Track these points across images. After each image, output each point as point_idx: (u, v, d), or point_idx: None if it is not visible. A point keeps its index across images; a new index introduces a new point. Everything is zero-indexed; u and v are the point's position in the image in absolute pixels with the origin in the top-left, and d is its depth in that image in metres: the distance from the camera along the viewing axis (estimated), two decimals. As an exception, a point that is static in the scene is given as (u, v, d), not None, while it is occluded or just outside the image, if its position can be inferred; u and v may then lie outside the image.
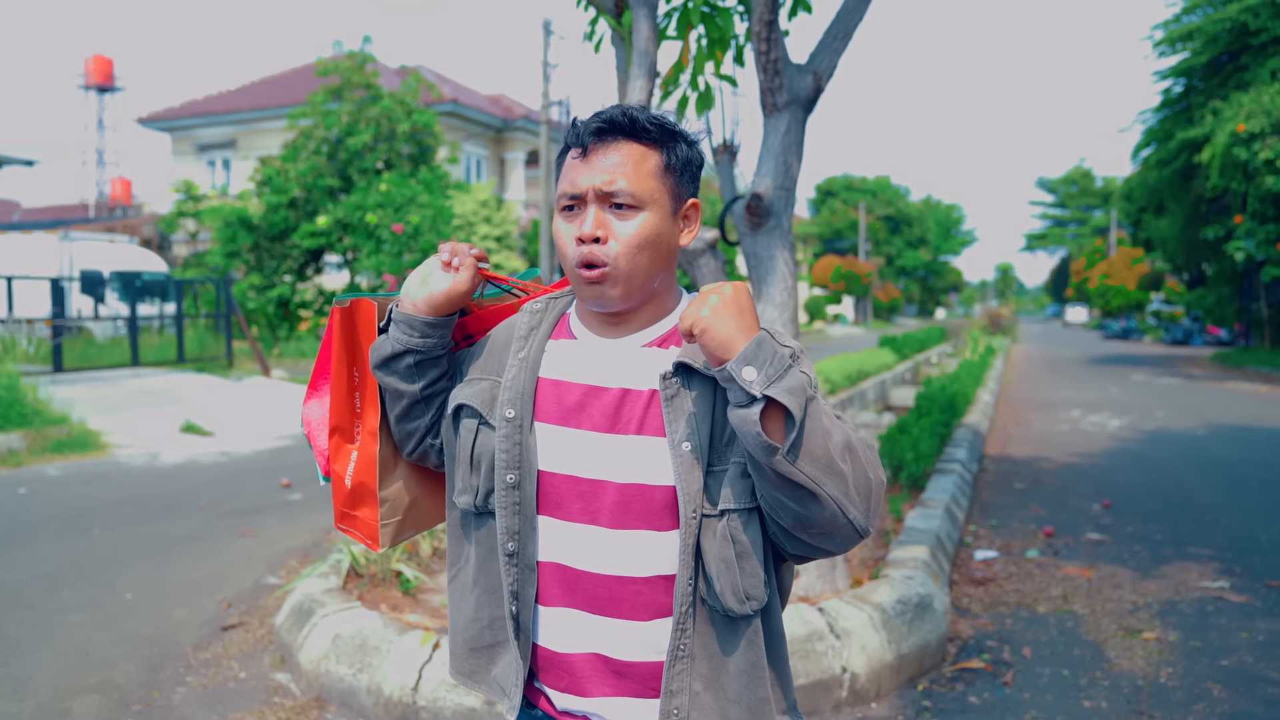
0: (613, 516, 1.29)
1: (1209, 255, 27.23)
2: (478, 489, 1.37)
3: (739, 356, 1.13)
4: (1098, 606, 4.74)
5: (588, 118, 1.33)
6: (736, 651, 1.29)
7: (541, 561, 1.34)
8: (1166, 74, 23.67)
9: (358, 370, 1.51)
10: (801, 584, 4.12)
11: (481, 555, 1.41)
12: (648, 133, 1.31)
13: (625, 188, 1.28)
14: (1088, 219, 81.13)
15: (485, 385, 1.40)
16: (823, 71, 4.15)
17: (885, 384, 16.30)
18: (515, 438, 1.33)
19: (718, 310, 1.16)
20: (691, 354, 1.27)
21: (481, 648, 1.42)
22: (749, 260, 4.21)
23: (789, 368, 1.14)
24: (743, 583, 1.26)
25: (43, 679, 3.81)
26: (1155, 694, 3.70)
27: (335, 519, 1.58)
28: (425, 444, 1.49)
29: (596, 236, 1.28)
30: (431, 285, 1.39)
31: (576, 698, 1.34)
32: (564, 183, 1.33)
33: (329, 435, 1.54)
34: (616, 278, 1.29)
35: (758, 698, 1.29)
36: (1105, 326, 46.13)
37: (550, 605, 1.34)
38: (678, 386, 1.28)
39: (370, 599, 4.14)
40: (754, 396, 1.13)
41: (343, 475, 1.53)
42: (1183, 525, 6.47)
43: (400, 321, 1.40)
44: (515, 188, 32.78)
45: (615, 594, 1.30)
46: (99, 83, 44.21)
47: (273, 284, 19.97)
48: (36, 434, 9.19)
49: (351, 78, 19.62)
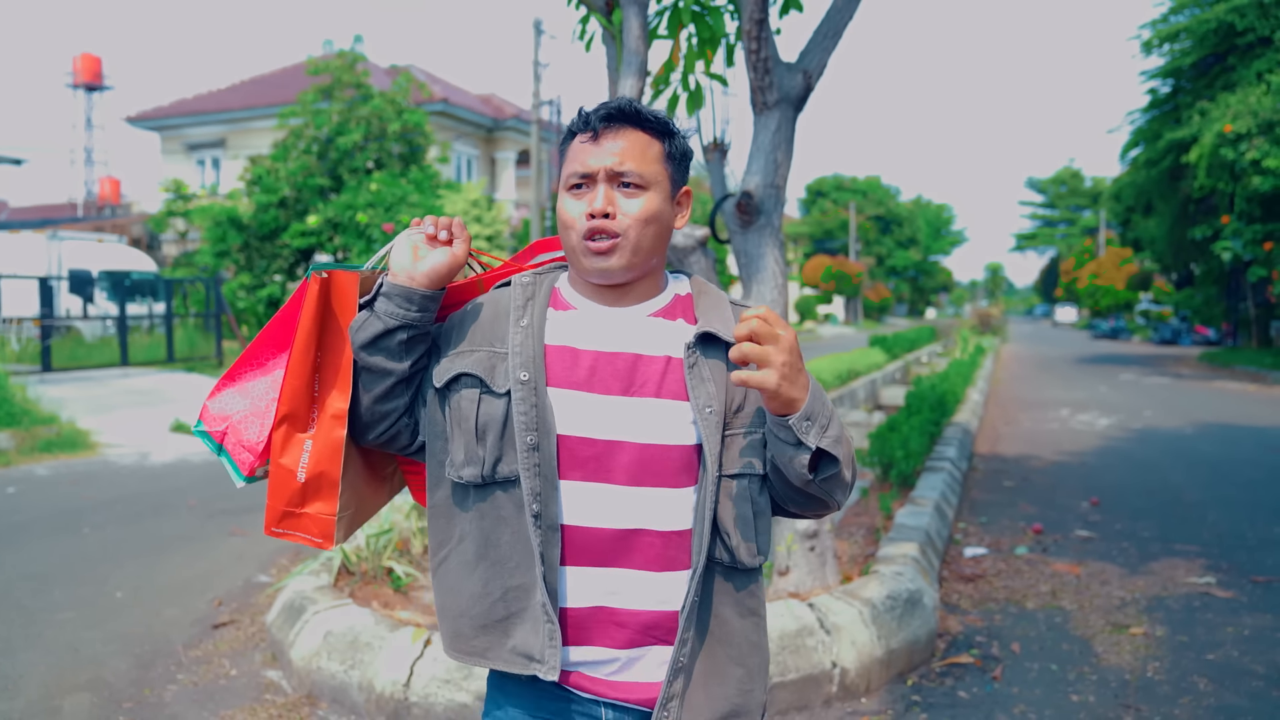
0: (628, 474, 1.37)
1: (1197, 255, 27.36)
2: (484, 459, 1.38)
3: (803, 413, 1.28)
4: (1086, 602, 4.78)
5: (595, 106, 1.42)
6: (741, 603, 1.43)
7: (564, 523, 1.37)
8: (1154, 74, 23.78)
9: (320, 351, 1.41)
10: (792, 579, 4.14)
11: (486, 528, 1.40)
12: (650, 123, 1.42)
13: (634, 169, 1.39)
14: (1077, 219, 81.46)
15: (482, 355, 1.42)
16: (813, 70, 4.17)
17: (876, 383, 16.35)
18: (531, 399, 1.36)
19: (787, 373, 1.26)
20: (713, 324, 1.40)
21: (494, 622, 1.41)
22: (739, 258, 4.23)
23: (833, 415, 1.32)
24: (758, 540, 1.40)
25: (33, 677, 3.80)
26: (1142, 688, 3.73)
27: (270, 521, 1.44)
28: (398, 424, 1.47)
29: (607, 212, 1.37)
30: (430, 259, 1.40)
31: (572, 648, 1.38)
32: (573, 163, 1.41)
33: (275, 426, 1.40)
34: (625, 248, 1.38)
35: (750, 643, 1.43)
36: (1094, 326, 46.36)
37: (567, 565, 1.38)
38: (698, 355, 1.39)
39: (361, 596, 4.14)
40: (809, 447, 1.29)
41: (292, 468, 1.40)
42: (1170, 522, 6.52)
43: (396, 295, 1.39)
44: (506, 187, 32.75)
45: (629, 545, 1.37)
46: (87, 81, 43.99)
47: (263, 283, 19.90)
48: (25, 434, 9.15)
49: (342, 77, 19.57)
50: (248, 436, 1.43)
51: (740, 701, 1.41)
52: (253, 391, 1.45)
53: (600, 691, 1.40)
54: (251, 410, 1.44)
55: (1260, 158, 18.28)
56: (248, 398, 1.45)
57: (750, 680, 1.42)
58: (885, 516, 5.71)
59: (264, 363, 1.46)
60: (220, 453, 1.44)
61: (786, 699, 3.48)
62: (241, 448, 1.43)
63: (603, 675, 1.39)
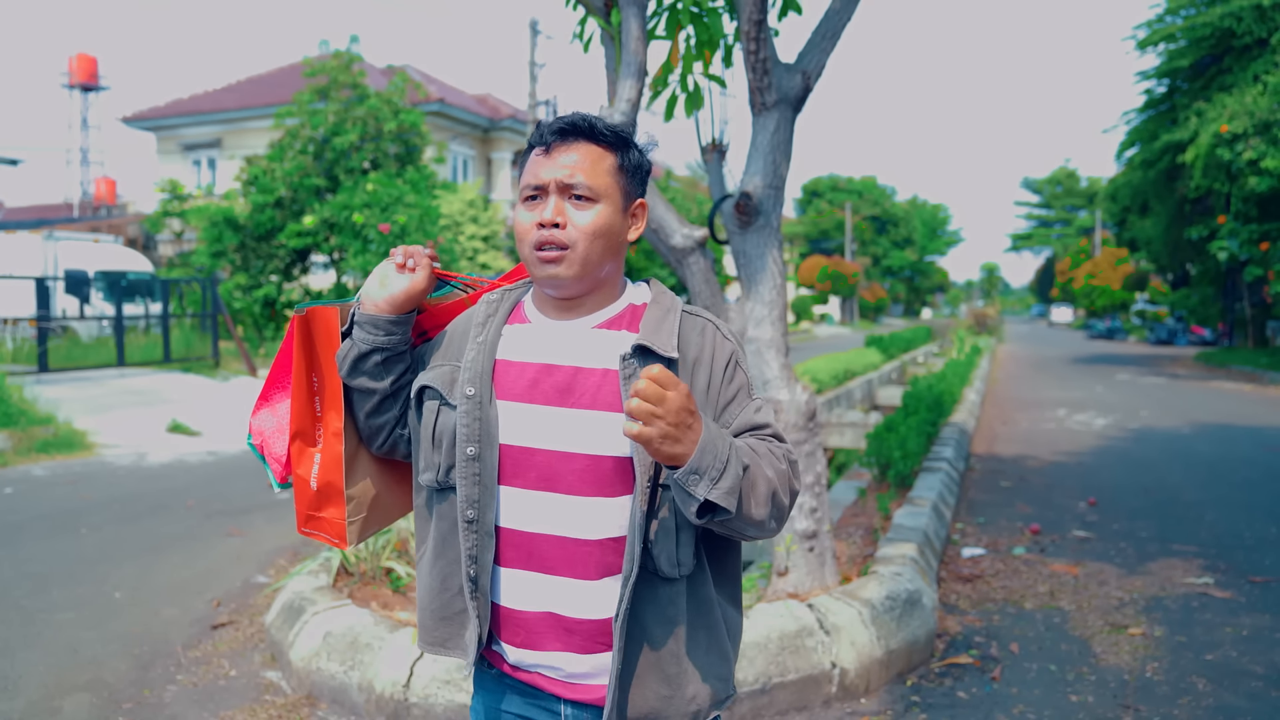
0: (569, 484, 1.42)
1: (1193, 255, 27.43)
2: (439, 465, 1.49)
3: (688, 468, 1.27)
4: (1084, 603, 4.79)
5: (550, 120, 1.48)
6: (662, 611, 1.44)
7: (502, 527, 1.45)
8: (1150, 75, 23.82)
9: (317, 376, 1.57)
10: (791, 580, 4.15)
11: (444, 529, 1.51)
12: (604, 136, 1.46)
13: (583, 181, 1.43)
14: (1073, 219, 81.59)
15: (446, 369, 1.52)
16: (811, 71, 4.18)
17: (872, 383, 16.37)
18: (475, 413, 1.45)
19: (672, 430, 1.25)
20: (649, 337, 1.43)
21: (452, 615, 1.52)
22: (738, 259, 4.24)
23: (727, 463, 1.29)
24: (678, 551, 1.41)
25: (32, 678, 3.79)
26: (1141, 688, 3.74)
27: (299, 523, 1.62)
28: (394, 435, 1.59)
29: (556, 222, 1.42)
30: (391, 286, 1.51)
31: (530, 651, 1.46)
32: (527, 175, 1.47)
33: (289, 441, 1.59)
34: (573, 260, 1.42)
35: (671, 653, 1.44)
36: (1090, 326, 46.41)
37: (509, 567, 1.46)
38: (634, 366, 1.41)
39: (361, 597, 4.14)
40: (696, 499, 1.28)
41: (307, 478, 1.58)
42: (1168, 522, 6.53)
43: (364, 323, 1.51)
44: (502, 188, 32.74)
45: (570, 555, 1.42)
46: (83, 81, 43.86)
47: (259, 284, 19.87)
48: (22, 434, 9.13)
49: (338, 77, 19.55)
50: (276, 449, 1.63)
51: (658, 707, 1.43)
52: (279, 410, 1.63)
53: (558, 691, 1.48)
54: (278, 427, 1.63)
55: (1257, 158, 18.32)
56: (275, 416, 1.64)
57: (670, 687, 1.43)
58: (883, 517, 5.71)
59: (286, 385, 1.63)
60: (263, 462, 1.65)
61: (786, 699, 3.48)
62: (273, 459, 1.63)
63: (559, 678, 1.47)
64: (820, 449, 4.27)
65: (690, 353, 1.46)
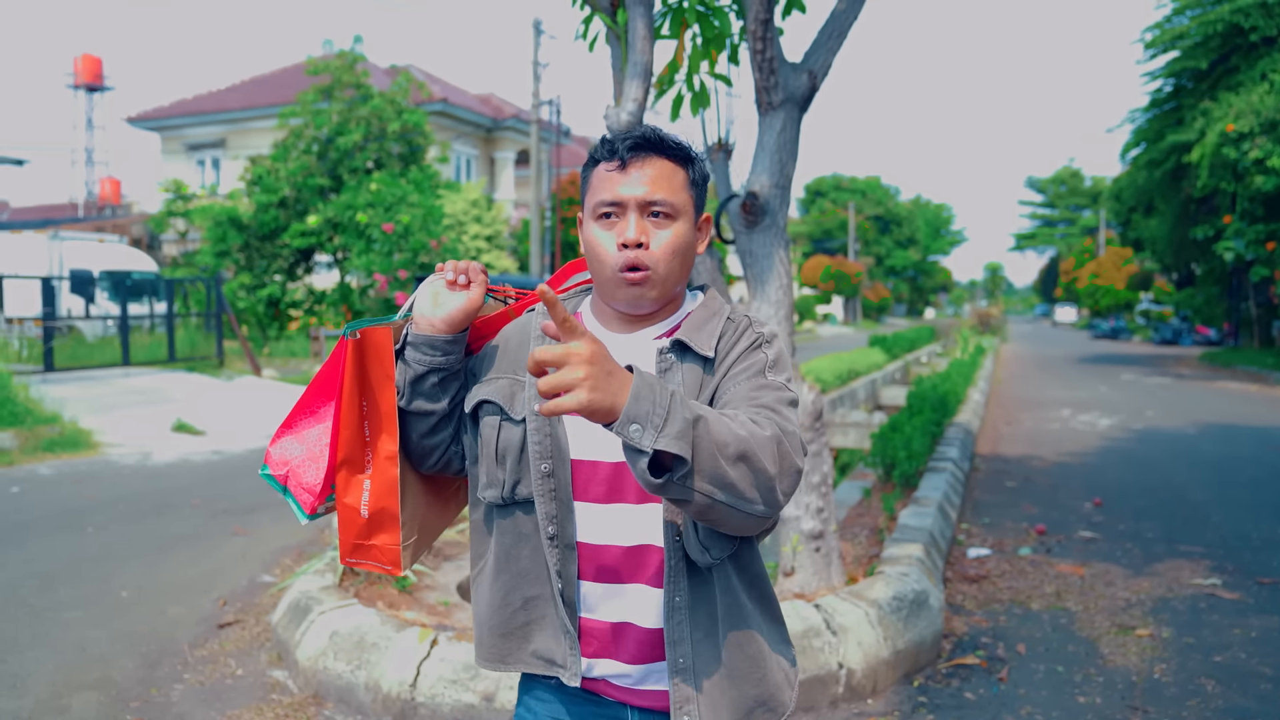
0: (637, 493, 1.40)
1: (1198, 255, 27.36)
2: (504, 482, 1.46)
3: (623, 417, 1.12)
4: (1091, 603, 4.78)
5: (626, 135, 1.43)
6: (717, 597, 1.41)
7: (580, 542, 1.43)
8: (1155, 76, 23.76)
9: (367, 400, 1.51)
10: (797, 580, 4.14)
11: (507, 544, 1.48)
12: (675, 151, 1.43)
13: (664, 198, 1.40)
14: (1077, 219, 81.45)
15: (504, 383, 1.48)
16: (817, 70, 4.17)
17: (875, 383, 16.35)
18: (546, 429, 1.42)
19: (593, 383, 1.11)
20: (689, 335, 1.42)
21: (513, 630, 1.49)
22: (744, 259, 4.23)
23: (669, 408, 1.14)
24: (700, 536, 1.37)
25: (41, 676, 3.80)
26: (1149, 690, 3.73)
27: (344, 553, 1.56)
28: (449, 453, 1.56)
29: (641, 242, 1.38)
30: (447, 304, 1.46)
31: (601, 660, 1.44)
32: (602, 193, 1.41)
33: (334, 470, 1.52)
34: (656, 280, 1.40)
35: (740, 634, 1.42)
36: (1094, 326, 46.34)
37: (584, 579, 1.44)
38: (672, 361, 1.41)
39: (367, 596, 4.14)
40: (644, 451, 1.13)
41: (356, 507, 1.52)
42: (1174, 523, 6.52)
43: (420, 344, 1.47)
44: (505, 187, 32.74)
45: (637, 562, 1.41)
46: (88, 82, 43.96)
47: (263, 283, 19.90)
48: (28, 433, 9.15)
49: (342, 77, 19.57)
50: (307, 479, 1.55)
51: (758, 692, 1.43)
52: (308, 438, 1.56)
53: (626, 699, 1.46)
54: (308, 455, 1.55)
55: (1263, 157, 18.29)
56: (304, 444, 1.56)
57: (758, 668, 1.43)
58: (889, 517, 5.70)
59: (315, 410, 1.57)
60: (285, 494, 1.56)
61: (793, 699, 3.48)
62: (302, 489, 1.55)
63: (628, 685, 1.46)
64: (826, 449, 4.26)
65: (726, 351, 1.44)
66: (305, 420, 1.56)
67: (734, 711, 1.41)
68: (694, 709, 1.39)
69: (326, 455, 1.53)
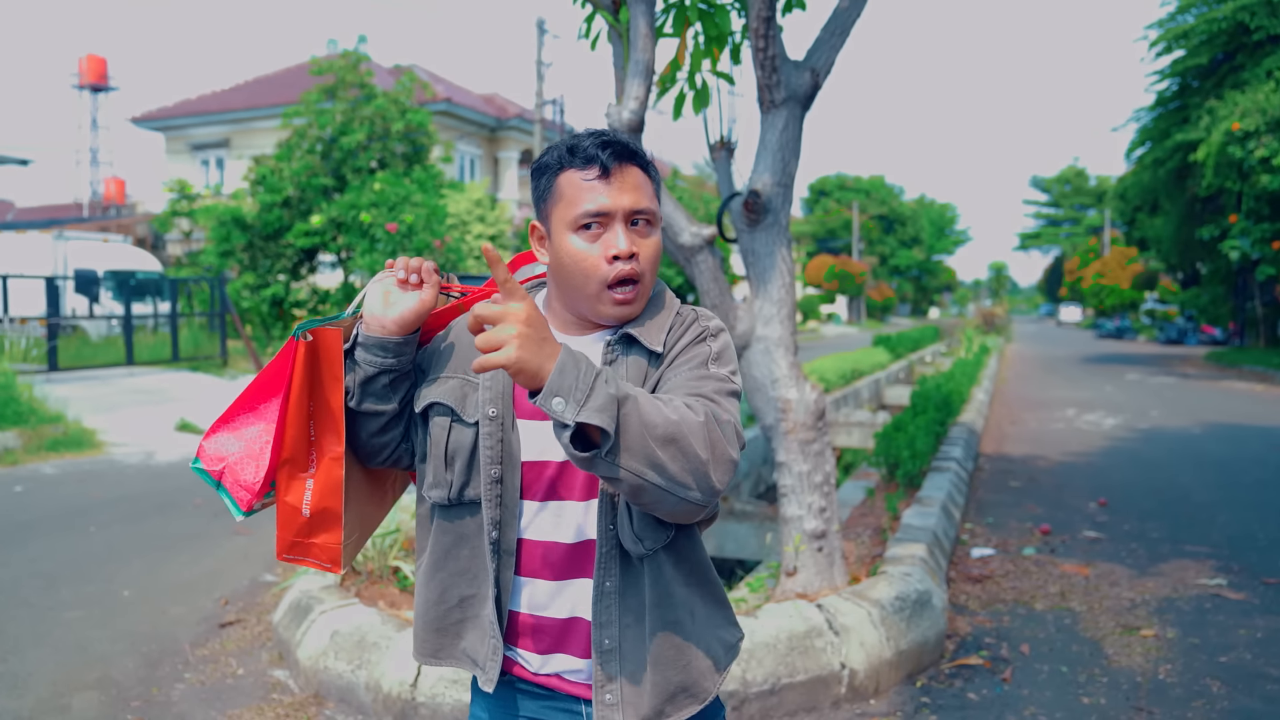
0: (582, 490, 1.42)
1: (1204, 254, 27.26)
2: (451, 483, 1.45)
3: (546, 389, 1.14)
4: (1095, 604, 4.75)
5: (592, 141, 1.39)
6: (647, 585, 1.42)
7: (524, 539, 1.44)
8: (1163, 75, 23.68)
9: (314, 401, 1.48)
10: (799, 580, 4.12)
11: (448, 543, 1.49)
12: (642, 158, 1.43)
13: (649, 207, 1.40)
14: (1081, 218, 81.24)
15: (455, 383, 1.47)
16: (820, 68, 4.15)
17: (880, 383, 16.33)
18: (498, 434, 1.42)
19: (523, 342, 1.14)
20: (638, 329, 1.42)
21: (447, 626, 1.50)
22: (746, 257, 4.22)
23: (593, 383, 1.15)
24: (634, 526, 1.38)
25: (41, 675, 3.79)
26: (1154, 690, 3.71)
27: (281, 549, 1.54)
28: (399, 450, 1.55)
29: (633, 252, 1.38)
30: (399, 305, 1.43)
31: (552, 656, 1.45)
32: (585, 202, 1.37)
33: (276, 468, 1.49)
34: (643, 292, 1.42)
35: (668, 622, 1.42)
36: (1099, 326, 46.19)
37: (530, 576, 1.44)
38: (617, 354, 1.41)
39: (368, 596, 4.13)
40: (567, 424, 1.15)
41: (297, 506, 1.50)
42: (1179, 523, 6.49)
43: (371, 346, 1.44)
44: (509, 187, 32.75)
45: (585, 557, 1.42)
46: (93, 82, 44.03)
47: (267, 283, 19.90)
48: (32, 433, 9.16)
49: (345, 77, 19.57)
50: (244, 477, 1.49)
51: (681, 678, 1.43)
52: (246, 435, 1.50)
53: (579, 693, 1.47)
54: (245, 452, 1.50)
55: (1269, 155, 18.20)
56: (241, 440, 1.50)
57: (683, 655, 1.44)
58: (892, 517, 5.68)
59: (255, 407, 1.51)
60: (219, 489, 1.51)
61: (795, 700, 3.46)
62: (239, 486, 1.50)
63: (580, 679, 1.46)
64: (829, 448, 4.24)
65: (671, 345, 1.43)
66: (244, 416, 1.51)
67: (655, 696, 1.41)
68: (615, 689, 1.40)
69: (266, 454, 1.48)
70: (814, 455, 4.14)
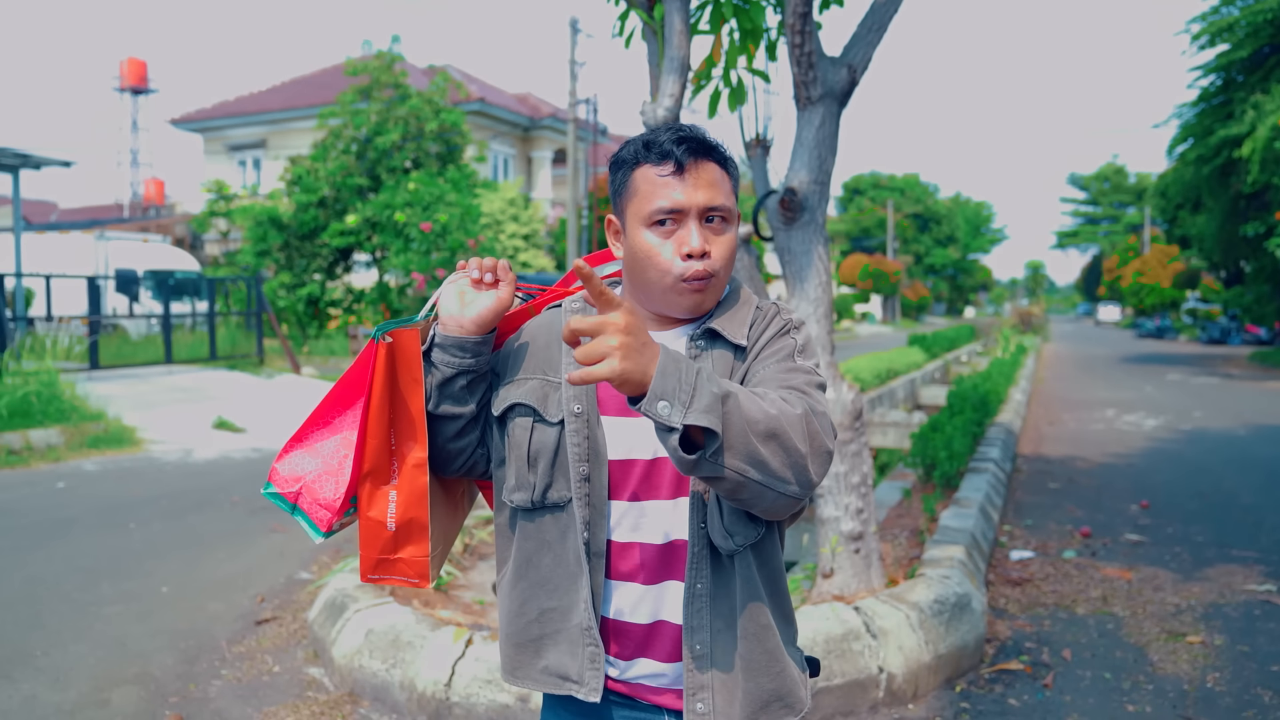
0: (670, 489, 1.39)
1: (1248, 252, 26.68)
2: (535, 485, 1.42)
3: (650, 394, 1.12)
4: (1139, 609, 4.65)
5: (669, 136, 1.37)
6: (738, 588, 1.38)
7: (613, 541, 1.41)
8: (1206, 70, 23.19)
9: (394, 407, 1.44)
10: (836, 582, 4.07)
11: (529, 550, 1.45)
12: (720, 154, 1.40)
13: (723, 204, 1.38)
14: (1121, 216, 80.00)
15: (535, 384, 1.45)
16: (857, 64, 4.10)
17: (915, 383, 16.16)
18: (584, 431, 1.40)
19: (626, 352, 1.11)
20: (721, 323, 1.40)
21: (526, 642, 1.46)
22: (782, 255, 4.17)
23: (695, 383, 1.13)
24: (725, 521, 1.34)
25: (82, 670, 3.84)
26: (1202, 699, 3.61)
27: (366, 569, 1.47)
28: (474, 456, 1.51)
29: (706, 250, 1.36)
30: (476, 304, 1.42)
31: (637, 661, 1.41)
32: (658, 198, 1.36)
33: (359, 483, 1.44)
34: (716, 287, 1.39)
35: (759, 626, 1.39)
36: (1139, 325, 45.44)
37: (621, 579, 1.41)
38: (701, 349, 1.40)
39: (402, 594, 4.14)
40: (674, 428, 1.12)
41: (382, 520, 1.45)
42: (1225, 526, 6.34)
43: (449, 346, 1.42)
44: (542, 186, 32.84)
45: (673, 558, 1.39)
46: (133, 85, 44.82)
47: (303, 282, 20.13)
48: (74, 430, 9.31)
49: (380, 77, 19.73)
50: (324, 495, 1.45)
51: (775, 685, 1.40)
52: (322, 451, 1.46)
53: (661, 701, 1.43)
54: (324, 469, 1.45)
55: (1315, 151, 17.77)
56: (318, 457, 1.46)
57: (776, 661, 1.41)
58: (929, 518, 5.61)
59: (330, 421, 1.47)
60: (295, 512, 1.46)
61: (832, 704, 3.42)
62: (318, 506, 1.45)
63: (663, 685, 1.42)
64: (866, 449, 4.19)
65: (755, 338, 1.42)
66: (318, 432, 1.47)
67: (749, 703, 1.38)
68: (708, 696, 1.36)
69: (346, 468, 1.44)
70: (851, 456, 4.09)
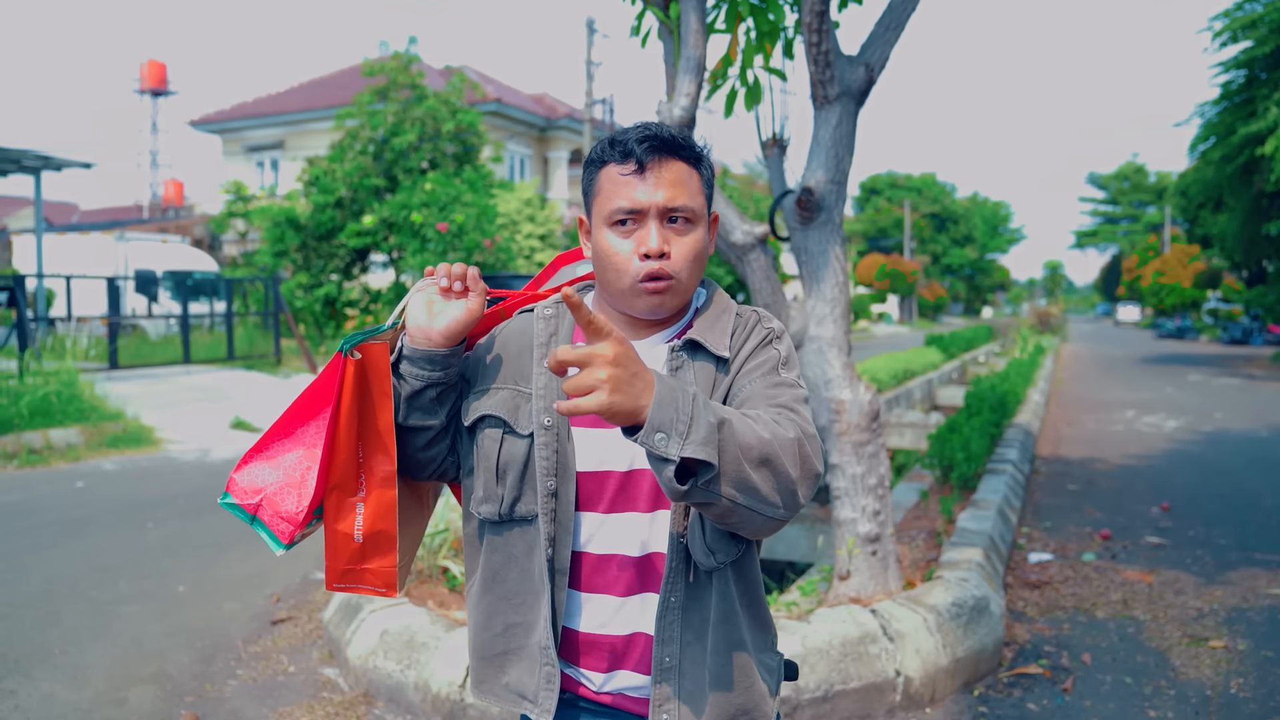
0: (649, 500, 1.36)
1: (1271, 251, 26.39)
2: (502, 498, 1.40)
3: (648, 426, 1.08)
4: (1160, 612, 4.60)
5: (634, 134, 1.34)
6: (713, 601, 1.37)
7: (583, 553, 1.38)
8: (1228, 66, 22.93)
9: (362, 420, 1.41)
10: (853, 584, 4.04)
11: (497, 563, 1.43)
12: (689, 151, 1.36)
13: (685, 204, 1.34)
14: (1140, 215, 79.37)
15: (506, 394, 1.42)
16: (874, 63, 4.06)
17: (932, 383, 16.07)
18: (554, 445, 1.37)
19: (615, 385, 1.06)
20: (702, 334, 1.37)
21: (491, 656, 1.45)
22: (799, 256, 4.14)
23: (692, 413, 1.10)
24: (706, 539, 1.32)
25: (99, 668, 3.86)
26: (1226, 705, 3.56)
27: (332, 579, 1.45)
28: (445, 464, 1.49)
29: (664, 251, 1.32)
30: (445, 315, 1.37)
31: (616, 673, 1.40)
32: (618, 198, 1.33)
33: (326, 495, 1.41)
34: (677, 289, 1.35)
35: (730, 640, 1.38)
36: (1159, 325, 45.02)
37: (595, 591, 1.39)
38: (684, 360, 1.36)
39: (417, 595, 4.14)
40: (670, 460, 1.09)
41: (349, 533, 1.43)
42: (1248, 529, 6.26)
43: (418, 359, 1.38)
44: (559, 187, 32.88)
45: (650, 570, 1.37)
46: (153, 87, 45.21)
47: (320, 283, 20.20)
48: (93, 429, 9.38)
49: (397, 78, 19.78)
50: (285, 508, 1.40)
51: (743, 700, 1.39)
52: (284, 463, 1.42)
53: (643, 710, 1.41)
54: (285, 482, 1.40)
55: (1340, 150, 17.54)
56: (279, 469, 1.41)
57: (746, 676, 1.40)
58: (946, 520, 5.56)
59: (292, 432, 1.42)
60: (254, 524, 1.41)
61: (848, 707, 3.39)
62: (279, 519, 1.40)
63: (643, 696, 1.41)
64: (883, 450, 4.15)
65: (736, 350, 1.40)
66: (280, 444, 1.42)
67: (715, 716, 1.37)
68: (673, 709, 1.35)
69: (309, 482, 1.39)
70: (868, 457, 4.06)
